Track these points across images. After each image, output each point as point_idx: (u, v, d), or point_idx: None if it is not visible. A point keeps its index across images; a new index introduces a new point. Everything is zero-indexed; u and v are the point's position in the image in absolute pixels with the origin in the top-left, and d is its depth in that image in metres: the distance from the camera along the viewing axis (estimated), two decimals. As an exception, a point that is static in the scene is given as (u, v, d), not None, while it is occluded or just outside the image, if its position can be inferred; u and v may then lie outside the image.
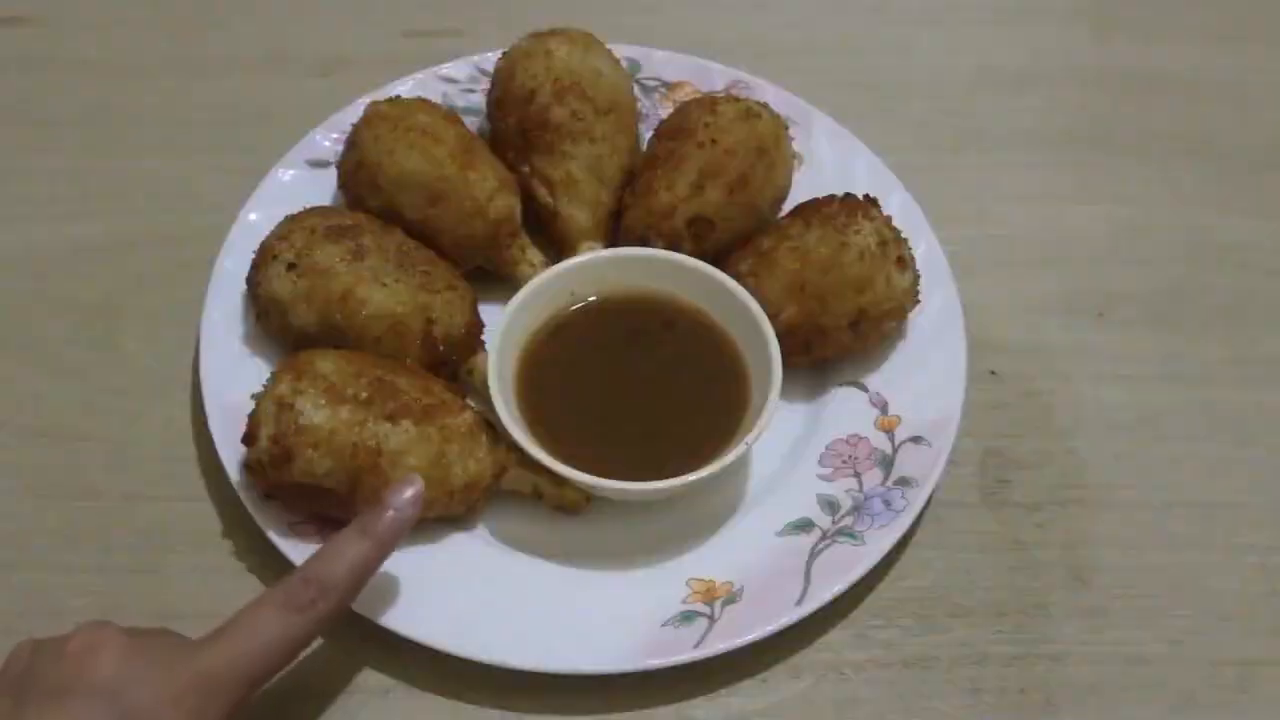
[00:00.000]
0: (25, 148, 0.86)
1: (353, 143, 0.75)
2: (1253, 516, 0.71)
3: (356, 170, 0.74)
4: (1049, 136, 0.90)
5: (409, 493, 0.60)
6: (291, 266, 0.68)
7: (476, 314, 0.72)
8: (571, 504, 0.68)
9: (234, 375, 0.69)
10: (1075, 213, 0.85)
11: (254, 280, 0.71)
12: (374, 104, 0.76)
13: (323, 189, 0.78)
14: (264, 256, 0.70)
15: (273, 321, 0.70)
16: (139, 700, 0.52)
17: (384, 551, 0.59)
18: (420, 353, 0.69)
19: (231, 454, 0.66)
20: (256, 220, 0.75)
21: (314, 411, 0.62)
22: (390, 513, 0.59)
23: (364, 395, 0.63)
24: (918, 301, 0.73)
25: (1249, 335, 0.79)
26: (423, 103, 0.77)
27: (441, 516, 0.65)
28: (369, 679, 0.64)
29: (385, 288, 0.68)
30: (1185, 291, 0.82)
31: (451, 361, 0.70)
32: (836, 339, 0.71)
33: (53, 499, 0.69)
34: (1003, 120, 0.91)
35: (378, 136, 0.74)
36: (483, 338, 0.72)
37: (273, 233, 0.71)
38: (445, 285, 0.70)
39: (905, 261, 0.71)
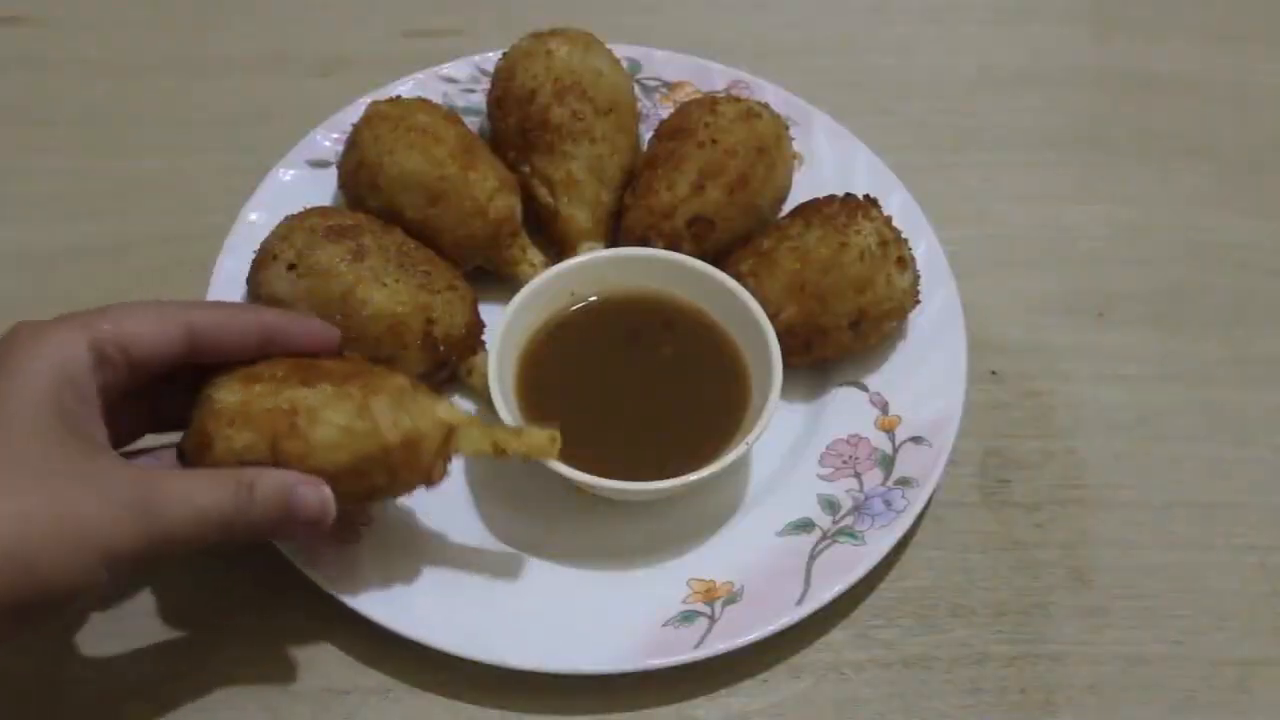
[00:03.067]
0: (25, 148, 0.86)
1: (353, 143, 0.75)
2: (1253, 516, 0.71)
3: (357, 170, 0.74)
4: (1049, 136, 0.90)
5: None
6: (292, 267, 0.68)
7: (477, 314, 0.72)
8: (538, 449, 0.62)
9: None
10: (1075, 213, 0.85)
11: (254, 280, 0.70)
12: (374, 104, 0.76)
13: (323, 189, 0.78)
14: (264, 257, 0.70)
15: None
16: None
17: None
18: (420, 352, 0.69)
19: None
20: (257, 220, 0.75)
21: (228, 395, 0.59)
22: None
23: (280, 374, 0.60)
24: (918, 302, 0.73)
25: (1249, 335, 0.79)
26: (423, 103, 0.77)
27: (393, 487, 0.61)
28: (369, 678, 0.64)
29: (385, 288, 0.68)
30: (1185, 291, 0.82)
31: (451, 361, 0.70)
32: (837, 339, 0.71)
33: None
34: (1003, 120, 0.91)
35: (378, 136, 0.74)
36: (483, 338, 0.72)
37: (273, 233, 0.71)
38: (445, 285, 0.70)
39: (905, 261, 0.71)
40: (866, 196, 0.73)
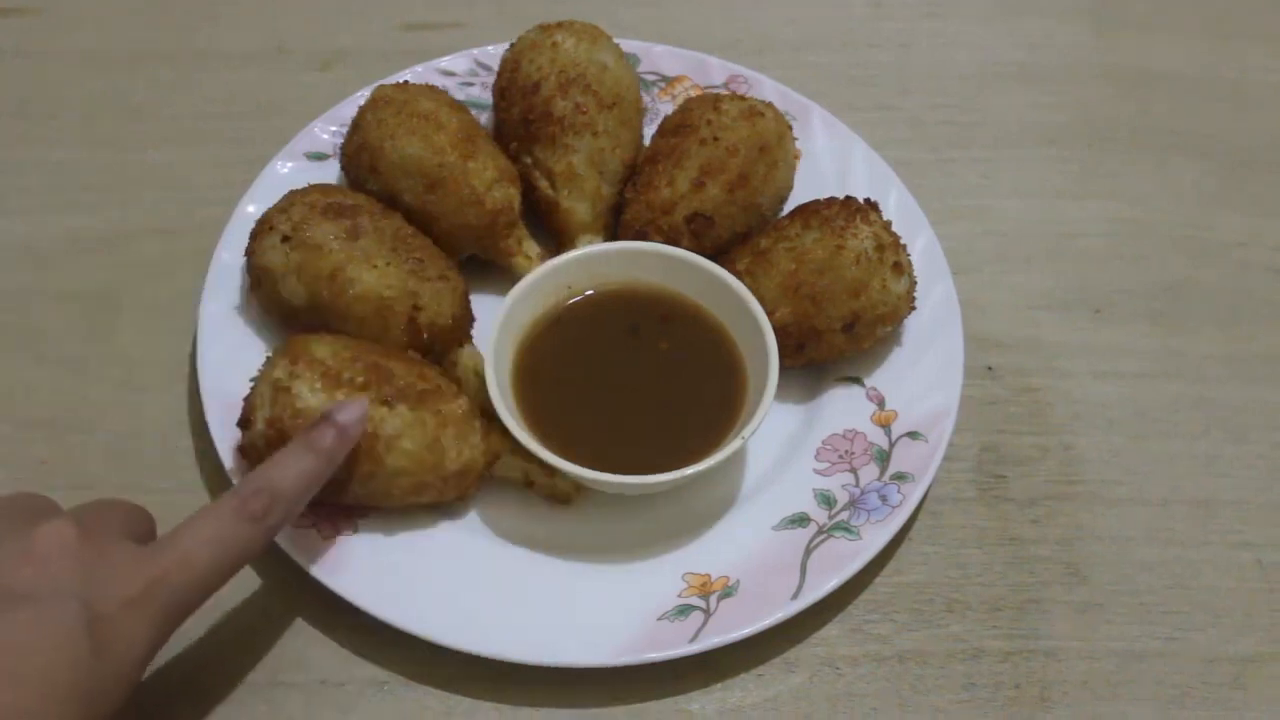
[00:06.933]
0: (24, 139, 0.86)
1: (356, 125, 0.75)
2: (1249, 513, 0.71)
3: (358, 153, 0.74)
4: (1048, 133, 0.90)
5: (355, 411, 0.61)
6: (286, 239, 0.68)
7: (465, 307, 0.72)
8: (562, 494, 0.68)
9: (231, 366, 0.69)
10: (1073, 209, 0.85)
11: (250, 250, 0.71)
12: (380, 87, 0.76)
13: (321, 182, 0.78)
14: (262, 227, 0.71)
15: (264, 292, 0.70)
16: (104, 605, 0.51)
17: (329, 467, 0.60)
18: (402, 338, 0.68)
19: (226, 443, 0.66)
20: (254, 213, 0.75)
21: (310, 395, 0.62)
22: (334, 429, 0.60)
23: (360, 380, 0.63)
24: (913, 308, 0.73)
25: (1246, 332, 0.79)
26: (429, 89, 0.77)
27: (435, 502, 0.65)
28: (365, 671, 0.64)
29: (375, 270, 0.68)
30: (1183, 288, 0.82)
31: (434, 351, 0.70)
32: (830, 341, 0.71)
33: (50, 490, 0.69)
34: (1002, 116, 0.91)
35: (381, 120, 0.74)
36: (470, 331, 0.72)
37: (275, 204, 0.71)
38: (437, 275, 0.70)
39: (902, 267, 0.71)
40: (868, 200, 0.72)
